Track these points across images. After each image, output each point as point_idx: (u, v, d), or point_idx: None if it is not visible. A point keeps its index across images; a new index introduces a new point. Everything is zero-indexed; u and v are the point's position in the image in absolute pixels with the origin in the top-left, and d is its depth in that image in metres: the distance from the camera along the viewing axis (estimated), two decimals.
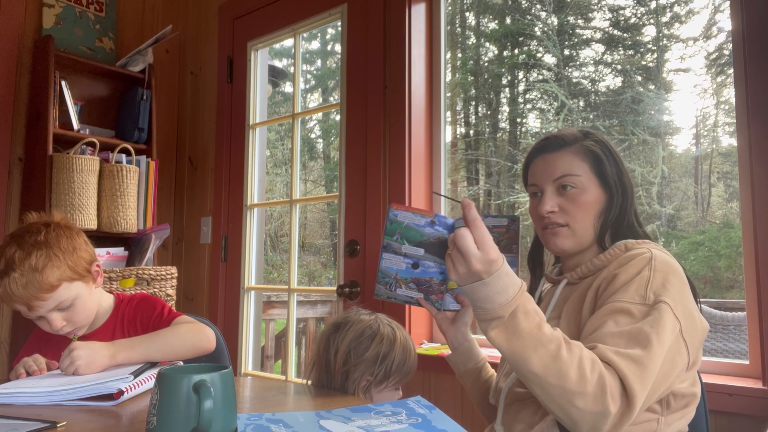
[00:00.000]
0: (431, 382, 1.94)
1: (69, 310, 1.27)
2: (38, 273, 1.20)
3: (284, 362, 2.90)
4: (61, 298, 1.24)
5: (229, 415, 0.77)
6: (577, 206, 1.13)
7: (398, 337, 1.26)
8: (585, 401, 0.84)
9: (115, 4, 2.77)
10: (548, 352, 0.86)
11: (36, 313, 1.25)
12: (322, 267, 10.59)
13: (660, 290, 0.96)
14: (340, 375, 1.21)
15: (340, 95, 2.34)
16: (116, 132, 2.65)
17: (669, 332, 0.92)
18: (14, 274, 1.19)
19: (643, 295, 0.96)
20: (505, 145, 7.91)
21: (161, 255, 2.90)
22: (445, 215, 1.02)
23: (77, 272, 1.27)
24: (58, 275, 1.23)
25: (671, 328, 0.93)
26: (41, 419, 0.90)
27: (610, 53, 7.51)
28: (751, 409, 1.37)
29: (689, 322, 0.97)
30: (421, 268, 1.05)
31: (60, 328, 1.27)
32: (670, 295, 0.96)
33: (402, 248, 1.03)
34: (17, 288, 1.19)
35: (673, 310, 0.94)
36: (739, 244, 1.53)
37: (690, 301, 1.00)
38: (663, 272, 0.99)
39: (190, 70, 2.98)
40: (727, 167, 7.05)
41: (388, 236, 1.04)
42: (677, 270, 1.02)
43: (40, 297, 1.21)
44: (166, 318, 1.35)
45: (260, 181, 2.73)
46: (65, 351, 1.15)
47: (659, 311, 0.93)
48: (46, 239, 1.24)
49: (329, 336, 1.26)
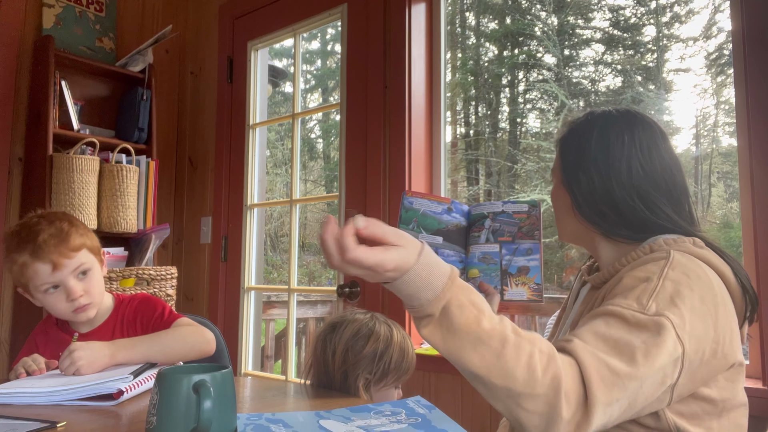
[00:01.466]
0: (431, 382, 1.94)
1: (87, 279, 1.31)
2: (65, 234, 1.29)
3: (284, 362, 2.90)
4: (83, 260, 1.30)
5: (229, 415, 0.77)
6: (553, 202, 1.09)
7: (395, 335, 1.26)
8: (534, 403, 0.73)
9: (115, 4, 2.77)
10: (490, 350, 0.74)
11: (58, 275, 1.26)
12: (322, 267, 10.59)
13: (665, 303, 0.81)
14: (340, 374, 1.21)
15: (340, 95, 2.34)
16: (116, 132, 2.65)
17: (664, 356, 0.77)
18: (43, 235, 1.26)
19: (644, 304, 0.82)
20: (505, 145, 7.91)
21: (161, 255, 2.90)
22: (461, 201, 1.01)
23: (93, 248, 1.35)
24: (80, 241, 1.31)
25: (668, 351, 0.78)
26: (41, 419, 0.90)
27: (610, 53, 7.51)
28: (751, 409, 1.36)
29: (701, 346, 0.81)
30: (440, 257, 1.04)
31: (78, 297, 1.28)
32: (677, 310, 0.80)
33: (419, 237, 1.01)
34: (46, 242, 1.25)
35: (676, 329, 0.79)
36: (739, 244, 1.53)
37: (716, 322, 0.84)
38: (676, 282, 0.84)
39: (190, 70, 2.98)
40: (727, 167, 7.05)
41: (403, 224, 1.02)
42: (702, 281, 0.86)
43: (66, 254, 1.27)
44: (167, 319, 1.35)
45: (260, 181, 2.73)
46: (65, 351, 1.15)
47: (658, 328, 0.78)
48: (65, 217, 1.34)
49: (326, 336, 1.26)
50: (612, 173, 0.98)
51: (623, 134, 1.00)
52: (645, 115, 1.05)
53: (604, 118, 1.03)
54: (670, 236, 0.95)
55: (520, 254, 1.25)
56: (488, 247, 1.26)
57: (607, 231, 1.00)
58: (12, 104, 2.44)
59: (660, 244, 0.93)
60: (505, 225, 1.25)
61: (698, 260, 0.90)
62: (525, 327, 3.94)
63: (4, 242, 1.31)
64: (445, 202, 0.99)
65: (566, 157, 1.03)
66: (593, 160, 0.99)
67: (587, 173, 0.99)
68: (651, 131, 1.01)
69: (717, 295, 0.86)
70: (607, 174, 0.98)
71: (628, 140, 0.99)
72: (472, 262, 1.27)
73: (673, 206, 0.98)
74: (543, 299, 1.25)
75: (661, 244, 0.93)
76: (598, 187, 0.98)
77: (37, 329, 1.42)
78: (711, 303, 0.84)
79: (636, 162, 0.98)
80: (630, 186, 0.97)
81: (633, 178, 0.97)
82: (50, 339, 1.37)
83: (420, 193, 1.03)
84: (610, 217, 0.98)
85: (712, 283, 0.87)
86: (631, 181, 0.97)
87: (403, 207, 1.00)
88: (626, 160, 0.98)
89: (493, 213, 1.27)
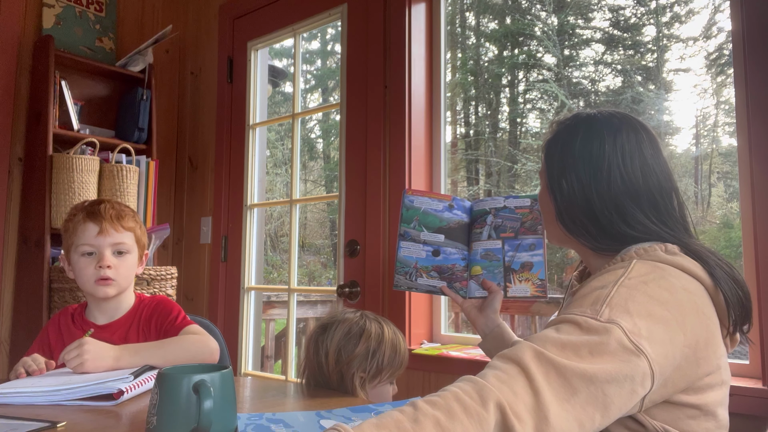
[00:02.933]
0: (431, 382, 1.94)
1: (121, 258, 1.38)
2: (123, 212, 1.41)
3: (284, 362, 2.90)
4: (125, 240, 1.40)
5: (229, 415, 0.77)
6: (540, 206, 1.08)
7: (386, 332, 1.27)
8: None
9: (115, 4, 2.77)
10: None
11: (100, 240, 1.35)
12: (322, 267, 10.59)
13: (619, 309, 0.79)
14: (335, 375, 1.22)
15: (340, 95, 2.34)
16: (116, 132, 2.65)
17: (616, 362, 0.74)
18: (105, 205, 1.40)
19: (598, 309, 0.79)
20: (505, 145, 7.92)
21: (161, 255, 2.90)
22: (462, 197, 1.01)
23: (140, 241, 1.45)
24: (132, 224, 1.42)
25: (619, 358, 0.75)
26: (41, 419, 0.90)
27: (610, 53, 7.51)
28: (751, 409, 1.36)
29: (668, 350, 0.79)
30: (443, 255, 1.03)
31: (105, 266, 1.35)
32: (628, 317, 0.78)
33: (421, 235, 1.01)
34: (104, 212, 1.37)
35: (629, 335, 0.76)
36: (739, 244, 1.52)
37: (685, 327, 0.82)
38: (631, 288, 0.83)
39: (190, 70, 2.98)
40: (727, 167, 7.05)
41: (405, 224, 1.01)
42: (664, 288, 0.84)
43: (115, 226, 1.37)
44: (178, 324, 1.38)
45: (260, 181, 2.73)
46: (74, 342, 1.17)
47: (608, 333, 0.76)
48: (129, 208, 1.46)
49: (317, 338, 1.27)
50: (592, 182, 0.96)
51: (605, 141, 0.98)
52: (632, 118, 1.03)
53: (588, 122, 1.01)
54: (642, 245, 0.93)
55: (522, 250, 1.24)
56: (490, 244, 1.24)
57: (589, 242, 0.99)
58: (12, 104, 2.44)
59: (631, 255, 0.92)
60: (508, 220, 1.24)
61: (669, 267, 0.89)
62: (525, 327, 3.93)
63: (66, 216, 1.43)
64: (446, 200, 0.98)
65: (551, 161, 1.02)
66: (574, 167, 0.98)
67: (569, 180, 0.98)
68: (635, 136, 0.99)
69: (686, 301, 0.85)
70: (588, 183, 0.96)
71: (609, 148, 0.97)
72: (474, 259, 1.26)
73: (657, 214, 0.96)
74: (547, 296, 1.24)
75: (632, 255, 0.92)
76: (578, 195, 0.97)
77: (52, 321, 1.44)
78: (675, 308, 0.83)
79: (616, 171, 0.96)
80: (608, 197, 0.95)
81: (611, 188, 0.96)
82: (62, 333, 1.39)
83: (420, 191, 1.03)
84: (590, 228, 0.97)
85: (676, 289, 0.85)
86: (610, 191, 0.95)
87: (404, 206, 1.00)
88: (606, 169, 0.96)
89: (495, 208, 1.26)
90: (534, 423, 0.69)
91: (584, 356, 0.74)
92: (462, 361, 1.83)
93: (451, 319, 3.63)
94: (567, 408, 0.71)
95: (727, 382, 0.91)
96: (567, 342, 0.76)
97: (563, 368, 0.73)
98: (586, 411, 0.72)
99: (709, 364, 0.86)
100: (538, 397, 0.70)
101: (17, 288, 2.39)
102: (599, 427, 0.75)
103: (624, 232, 0.95)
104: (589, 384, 0.73)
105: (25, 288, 2.33)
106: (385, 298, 2.10)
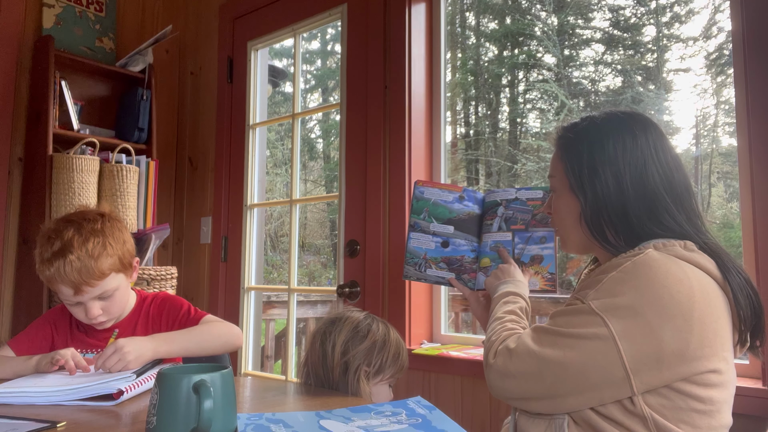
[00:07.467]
0: (431, 382, 1.94)
1: (108, 300, 1.31)
2: (93, 260, 1.24)
3: (284, 362, 2.90)
4: (107, 287, 1.29)
5: (229, 415, 0.78)
6: (555, 212, 1.06)
7: (390, 332, 1.30)
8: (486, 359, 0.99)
9: (115, 4, 2.77)
10: None
11: (80, 298, 1.27)
12: (322, 267, 10.59)
13: (599, 294, 0.89)
14: (339, 367, 1.23)
15: (340, 95, 2.34)
16: (116, 132, 2.65)
17: (586, 339, 0.87)
18: (71, 257, 1.23)
19: (584, 294, 0.91)
20: (505, 145, 7.91)
21: (161, 255, 2.90)
22: (474, 189, 1.01)
23: (124, 264, 1.33)
24: (109, 264, 1.28)
25: (591, 333, 0.87)
26: (41, 419, 0.90)
27: (610, 53, 7.51)
28: (751, 409, 1.36)
29: (651, 340, 0.85)
30: (452, 247, 1.02)
31: (96, 316, 1.30)
32: (610, 302, 0.87)
33: (430, 226, 1.00)
34: (71, 271, 1.22)
35: (602, 315, 0.87)
36: (739, 244, 1.52)
37: (688, 320, 0.85)
38: (619, 280, 0.89)
39: (190, 70, 2.98)
40: (727, 167, 7.05)
41: (414, 215, 1.01)
42: (674, 280, 0.87)
43: (90, 283, 1.25)
44: (194, 316, 1.39)
45: (260, 181, 2.73)
46: (109, 348, 1.16)
47: (577, 313, 0.90)
48: (103, 228, 1.29)
49: (325, 330, 1.29)
50: (629, 178, 0.96)
51: (637, 137, 0.98)
52: (646, 115, 1.04)
53: (613, 121, 1.01)
54: (661, 240, 0.94)
55: (533, 242, 1.23)
56: (501, 236, 1.22)
57: (612, 245, 0.99)
58: (12, 104, 2.44)
59: (635, 251, 0.94)
60: (519, 212, 1.22)
61: (683, 262, 0.90)
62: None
63: (37, 239, 1.30)
64: (456, 191, 0.98)
65: (577, 162, 1.00)
66: (609, 164, 0.97)
67: (602, 179, 0.97)
68: (656, 131, 1.00)
69: (693, 295, 0.86)
70: (624, 179, 0.96)
71: (642, 143, 0.97)
72: (484, 251, 1.24)
73: (683, 210, 0.97)
74: (557, 289, 1.23)
75: (650, 248, 0.93)
76: (613, 193, 0.96)
77: (49, 318, 1.41)
78: (675, 303, 0.86)
79: (651, 165, 0.97)
80: (644, 192, 0.96)
81: (648, 182, 0.96)
82: (61, 333, 1.38)
83: (431, 182, 1.02)
84: (619, 227, 0.97)
85: (685, 283, 0.87)
86: (646, 186, 0.96)
87: (414, 197, 1.00)
88: (642, 165, 0.96)
89: (507, 200, 1.23)
90: (500, 359, 0.95)
91: (561, 325, 0.91)
92: (462, 361, 1.83)
93: (451, 319, 3.62)
94: (535, 338, 0.93)
95: (733, 382, 0.92)
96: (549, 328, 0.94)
97: (545, 329, 0.93)
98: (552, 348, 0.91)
99: (715, 355, 0.87)
100: (512, 345, 0.95)
101: (17, 288, 2.39)
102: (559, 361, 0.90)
103: (650, 231, 0.96)
104: (558, 336, 0.91)
105: (25, 288, 2.33)
106: (385, 298, 2.10)
